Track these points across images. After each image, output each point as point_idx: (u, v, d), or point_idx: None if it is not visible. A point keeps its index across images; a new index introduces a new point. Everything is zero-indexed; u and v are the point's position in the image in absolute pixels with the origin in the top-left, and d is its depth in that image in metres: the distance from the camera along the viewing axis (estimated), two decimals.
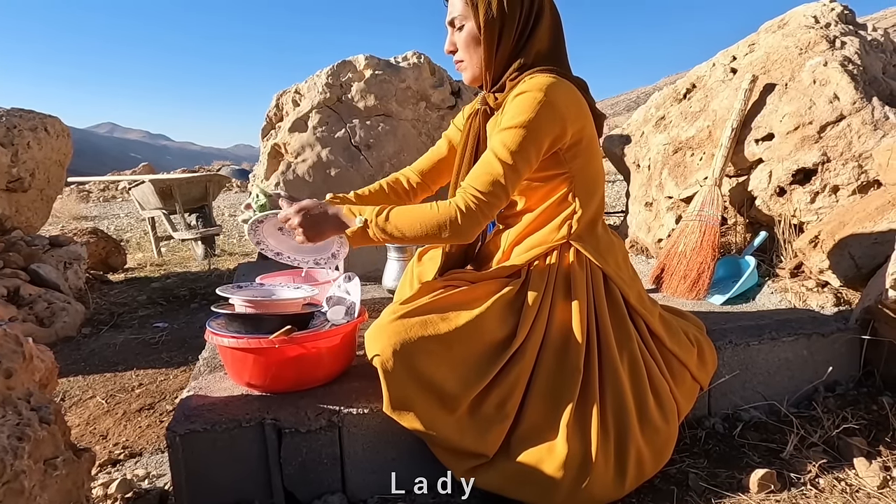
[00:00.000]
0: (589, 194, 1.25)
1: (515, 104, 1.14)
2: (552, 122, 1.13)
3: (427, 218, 1.13)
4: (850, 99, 1.88)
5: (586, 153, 1.22)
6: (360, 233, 1.16)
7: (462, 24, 1.21)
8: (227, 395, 1.27)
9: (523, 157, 1.12)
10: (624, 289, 1.26)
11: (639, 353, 1.22)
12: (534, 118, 1.11)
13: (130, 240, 5.86)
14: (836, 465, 1.23)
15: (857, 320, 1.55)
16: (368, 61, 2.91)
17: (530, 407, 1.15)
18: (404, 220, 1.14)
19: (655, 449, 1.18)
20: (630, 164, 2.76)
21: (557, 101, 1.13)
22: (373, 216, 1.15)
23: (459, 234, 1.13)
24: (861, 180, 1.84)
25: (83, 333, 2.44)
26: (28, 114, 3.01)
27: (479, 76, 1.24)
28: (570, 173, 1.22)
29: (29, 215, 3.08)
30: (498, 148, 1.13)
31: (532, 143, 1.12)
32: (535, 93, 1.12)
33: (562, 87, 1.15)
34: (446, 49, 1.26)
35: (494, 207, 1.14)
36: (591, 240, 1.26)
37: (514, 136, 1.12)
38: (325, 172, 2.78)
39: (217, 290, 1.33)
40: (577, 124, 1.17)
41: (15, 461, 0.70)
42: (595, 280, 1.24)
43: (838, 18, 2.21)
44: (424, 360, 1.11)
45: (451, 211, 1.12)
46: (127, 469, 1.42)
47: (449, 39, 1.25)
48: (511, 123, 1.13)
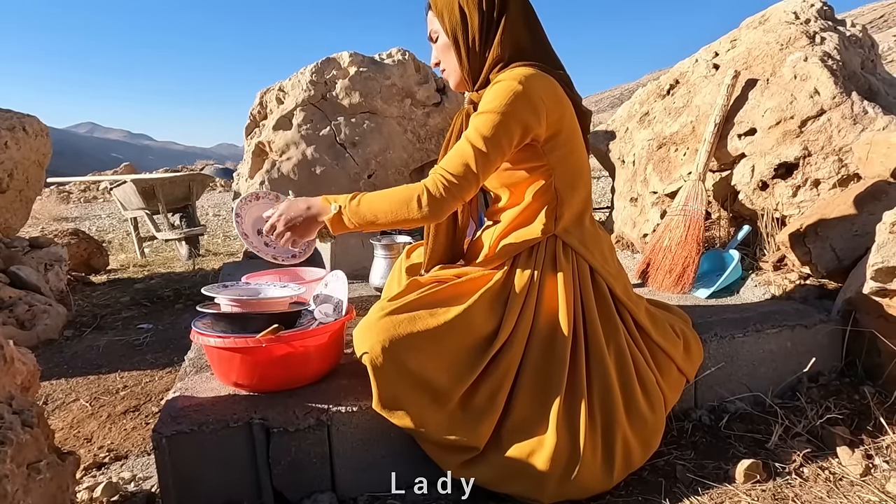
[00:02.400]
0: (571, 187, 1.26)
1: (491, 91, 1.17)
2: (526, 111, 1.15)
3: (397, 198, 1.16)
4: (830, 94, 1.90)
5: (566, 146, 1.23)
6: (336, 219, 1.20)
7: (437, 36, 1.28)
8: (213, 396, 1.25)
9: (494, 142, 1.14)
10: (610, 281, 1.27)
11: (625, 345, 1.23)
12: (507, 105, 1.13)
13: (113, 241, 5.78)
14: (820, 455, 1.25)
15: (838, 311, 1.57)
16: (353, 58, 2.89)
17: (519, 398, 1.16)
18: (376, 202, 1.17)
19: (643, 439, 1.19)
20: (615, 159, 2.77)
21: (532, 90, 1.15)
22: (346, 202, 1.19)
23: (429, 214, 1.15)
24: (842, 174, 1.87)
25: (65, 336, 2.41)
26: (5, 113, 2.95)
27: (461, 80, 1.29)
28: (549, 165, 1.23)
29: (7, 217, 3.03)
30: (470, 132, 1.16)
31: (504, 129, 1.14)
32: (511, 82, 1.15)
33: (539, 78, 1.17)
34: (431, 62, 1.33)
35: (464, 189, 1.15)
36: (577, 233, 1.27)
37: (486, 121, 1.14)
38: (310, 170, 2.77)
39: (203, 289, 1.32)
40: (553, 115, 1.19)
41: None
42: (581, 273, 1.26)
43: (818, 14, 2.24)
44: (414, 356, 1.11)
45: (420, 190, 1.14)
46: (112, 472, 1.41)
47: (433, 53, 1.31)
48: (484, 109, 1.16)
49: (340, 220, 1.19)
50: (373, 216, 1.17)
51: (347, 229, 1.20)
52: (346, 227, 1.20)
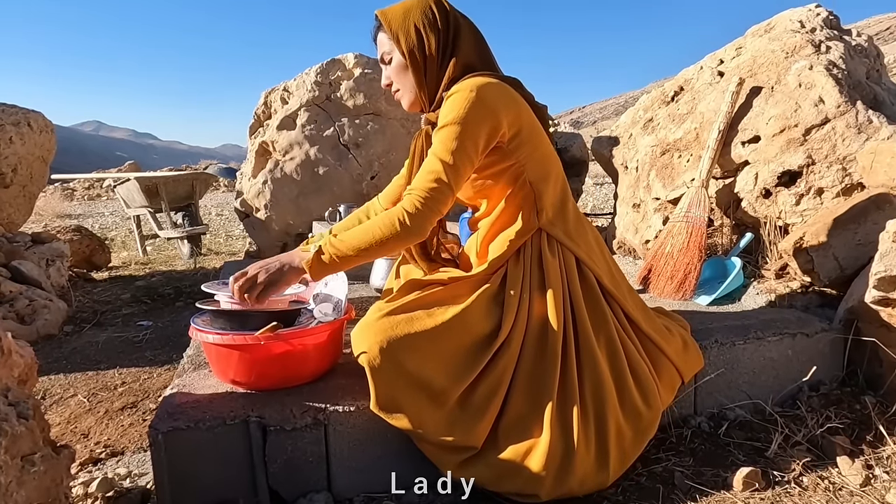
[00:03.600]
0: (544, 179, 1.28)
1: (447, 105, 1.19)
2: (485, 116, 1.17)
3: (377, 227, 1.17)
4: (834, 102, 1.90)
5: (530, 141, 1.25)
6: (317, 260, 1.18)
7: (390, 58, 1.29)
8: (211, 393, 1.25)
9: (460, 151, 1.16)
10: (596, 271, 1.28)
11: (616, 335, 1.24)
12: (465, 114, 1.16)
13: (115, 238, 5.79)
14: (820, 464, 1.24)
15: (840, 320, 1.57)
16: (358, 60, 2.90)
17: (514, 397, 1.16)
18: (356, 236, 1.18)
19: (637, 429, 1.20)
20: (618, 165, 2.77)
21: (486, 96, 1.18)
22: (325, 241, 1.19)
23: (411, 234, 1.17)
24: (845, 183, 1.86)
25: (65, 331, 2.41)
26: (11, 108, 2.96)
27: (415, 100, 1.30)
28: (518, 163, 1.25)
29: (10, 212, 3.03)
30: (436, 147, 1.18)
31: (468, 138, 1.16)
32: (464, 92, 1.17)
33: (490, 84, 1.20)
34: (383, 84, 1.35)
35: (440, 202, 1.17)
36: (561, 223, 1.29)
37: (450, 133, 1.16)
38: (313, 171, 2.77)
39: (203, 286, 1.32)
40: (511, 115, 1.21)
41: None
42: (568, 265, 1.27)
43: (824, 23, 2.24)
44: (411, 356, 1.11)
45: (399, 214, 1.16)
46: (108, 468, 1.40)
47: (384, 75, 1.32)
48: (444, 122, 1.18)
49: (320, 261, 1.18)
50: (355, 250, 1.17)
51: (328, 270, 1.19)
52: (326, 267, 1.18)
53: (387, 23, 1.27)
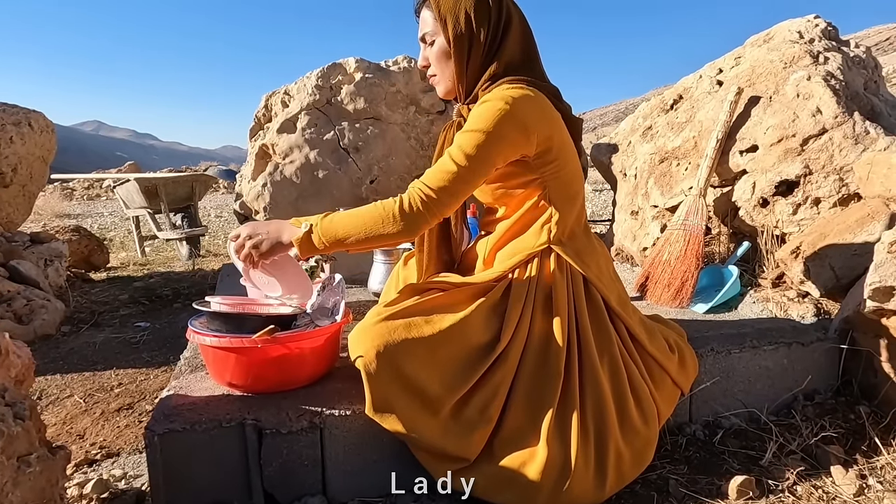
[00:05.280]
0: (565, 199, 1.25)
1: (478, 111, 1.15)
2: (512, 132, 1.14)
3: (370, 214, 1.13)
4: (832, 113, 1.91)
5: (558, 160, 1.22)
6: (306, 239, 1.16)
7: (433, 40, 1.23)
8: (207, 395, 1.25)
9: (478, 162, 1.13)
10: (604, 292, 1.27)
11: (619, 357, 1.23)
12: (492, 126, 1.12)
13: (114, 239, 5.79)
14: (814, 473, 1.24)
15: (836, 330, 1.57)
16: (359, 64, 2.91)
17: (512, 411, 1.15)
18: (349, 220, 1.15)
19: (635, 451, 1.19)
20: (617, 172, 2.78)
21: (519, 111, 1.14)
22: (318, 220, 1.16)
23: (404, 230, 1.13)
24: (842, 193, 1.88)
25: (62, 332, 2.40)
26: (12, 108, 2.97)
27: (452, 89, 1.26)
28: (542, 179, 1.23)
29: (10, 211, 3.04)
30: (453, 150, 1.15)
31: (488, 149, 1.13)
32: (497, 102, 1.13)
33: (527, 98, 1.16)
34: (420, 64, 1.28)
35: (443, 206, 1.14)
36: (572, 244, 1.27)
37: (471, 139, 1.13)
38: (313, 174, 2.77)
39: (207, 297, 1.33)
40: (543, 133, 1.18)
41: None
42: (576, 285, 1.25)
43: (822, 34, 2.26)
44: (408, 362, 1.11)
45: (395, 205, 1.13)
46: (103, 469, 1.40)
47: (422, 55, 1.27)
48: (469, 128, 1.14)
49: (310, 240, 1.16)
50: (345, 233, 1.14)
51: (317, 251, 1.17)
52: (315, 247, 1.16)
53: (435, 0, 1.21)
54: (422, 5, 1.24)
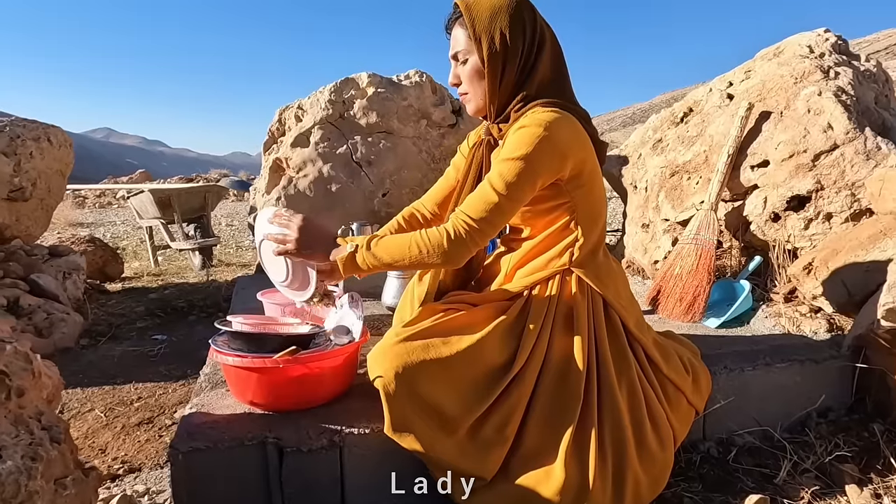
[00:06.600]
0: (591, 223, 1.27)
1: (516, 137, 1.17)
2: (551, 158, 1.16)
3: (416, 244, 1.16)
4: (843, 129, 1.92)
5: (588, 184, 1.24)
6: (350, 258, 1.19)
7: (466, 59, 1.23)
8: (229, 413, 1.28)
9: (518, 189, 1.15)
10: (623, 315, 1.28)
11: (637, 381, 1.24)
12: (532, 153, 1.14)
13: (126, 248, 5.85)
14: (829, 492, 1.25)
15: (849, 347, 1.58)
16: (371, 79, 2.95)
17: (529, 431, 1.17)
18: (394, 247, 1.17)
19: (652, 476, 1.19)
20: (627, 184, 2.80)
21: (557, 136, 1.15)
22: (363, 242, 1.19)
23: (448, 260, 1.17)
24: (854, 208, 1.88)
25: (81, 344, 2.44)
26: (31, 123, 3.03)
27: (483, 108, 1.27)
28: (571, 203, 1.25)
29: (28, 224, 3.09)
30: (494, 178, 1.16)
31: (528, 177, 1.15)
32: (535, 128, 1.15)
33: (562, 122, 1.17)
34: (450, 82, 1.29)
35: (485, 235, 1.17)
36: (592, 266, 1.28)
37: (512, 168, 1.14)
38: (326, 188, 2.81)
39: (228, 317, 1.36)
40: (577, 157, 1.20)
41: (29, 482, 0.72)
42: (595, 307, 1.26)
43: (832, 49, 2.27)
44: (426, 383, 1.12)
45: (441, 237, 1.15)
46: (126, 484, 1.43)
47: (453, 72, 1.27)
48: (509, 156, 1.16)
49: (353, 261, 1.19)
50: (390, 259, 1.17)
51: (358, 271, 1.20)
52: (358, 268, 1.20)
53: (469, 18, 1.19)
54: (454, 22, 1.24)
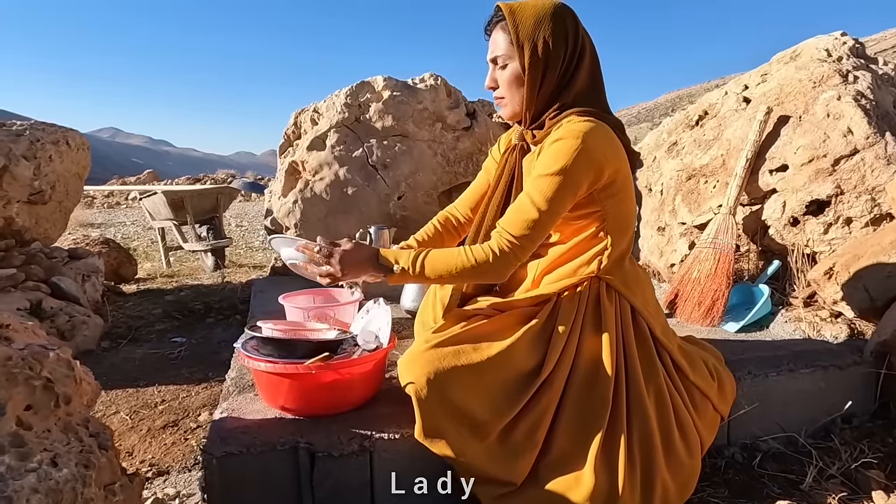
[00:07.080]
0: (621, 231, 1.28)
1: (553, 150, 1.18)
2: (588, 168, 1.17)
3: (462, 262, 1.18)
4: (863, 133, 1.92)
5: (621, 193, 1.25)
6: (400, 275, 1.22)
7: (505, 64, 1.23)
8: (260, 418, 1.30)
9: (558, 203, 1.17)
10: (650, 321, 1.29)
11: (664, 387, 1.25)
12: (570, 165, 1.15)
13: (138, 248, 5.89)
14: (856, 498, 1.26)
15: (871, 353, 1.58)
16: (387, 83, 2.96)
17: (559, 436, 1.18)
18: (440, 265, 1.19)
19: (680, 482, 1.20)
20: (642, 187, 2.80)
21: (594, 147, 1.16)
22: (409, 263, 1.20)
23: (494, 276, 1.21)
24: (874, 213, 1.88)
25: (102, 347, 2.47)
26: (50, 127, 3.06)
27: (518, 113, 1.27)
28: (603, 211, 1.26)
29: (47, 227, 3.12)
30: (534, 193, 1.17)
31: (568, 190, 1.16)
32: (572, 140, 1.16)
33: (598, 132, 1.18)
34: (487, 85, 1.28)
35: (528, 251, 1.19)
36: (620, 273, 1.29)
37: (551, 183, 1.16)
38: (342, 191, 2.83)
39: (259, 322, 1.38)
40: (613, 167, 1.21)
41: (84, 489, 0.73)
42: (623, 313, 1.28)
43: (850, 52, 2.27)
44: (457, 388, 1.14)
45: (487, 255, 1.17)
46: (156, 487, 1.45)
47: (490, 76, 1.27)
48: (548, 171, 1.17)
49: (403, 275, 1.21)
50: (437, 276, 1.19)
51: (404, 282, 1.26)
52: (403, 280, 1.23)
53: (513, 24, 1.18)
54: (495, 26, 1.24)
